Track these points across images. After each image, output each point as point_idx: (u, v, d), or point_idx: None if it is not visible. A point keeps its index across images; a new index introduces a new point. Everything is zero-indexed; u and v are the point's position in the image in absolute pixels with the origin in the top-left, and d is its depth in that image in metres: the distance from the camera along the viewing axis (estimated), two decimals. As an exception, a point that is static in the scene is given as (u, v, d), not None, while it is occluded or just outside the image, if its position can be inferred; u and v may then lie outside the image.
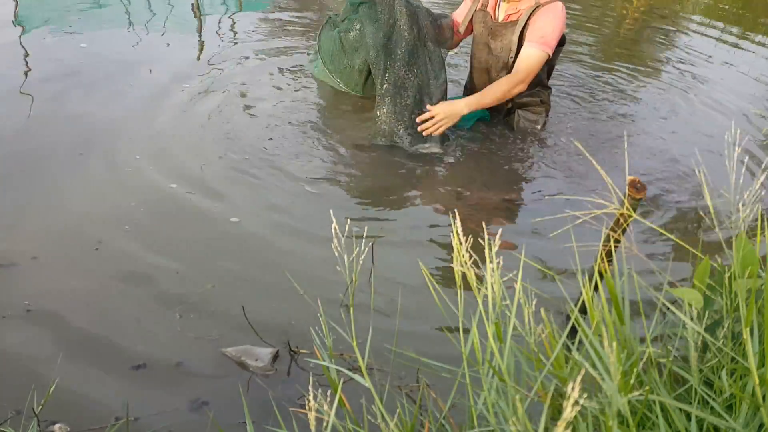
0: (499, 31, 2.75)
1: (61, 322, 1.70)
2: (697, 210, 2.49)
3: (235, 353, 1.63)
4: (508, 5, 2.72)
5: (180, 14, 4.53)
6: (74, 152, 2.52)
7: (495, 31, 2.77)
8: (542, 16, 2.64)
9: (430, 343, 1.67)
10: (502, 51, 2.77)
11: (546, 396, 0.89)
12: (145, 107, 2.98)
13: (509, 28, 2.72)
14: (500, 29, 2.75)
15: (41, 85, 3.09)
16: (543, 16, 2.64)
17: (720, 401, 0.90)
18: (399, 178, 2.57)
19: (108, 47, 3.69)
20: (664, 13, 6.16)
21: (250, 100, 3.13)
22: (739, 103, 3.82)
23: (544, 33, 2.61)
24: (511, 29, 2.71)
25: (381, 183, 2.54)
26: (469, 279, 0.97)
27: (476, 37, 2.87)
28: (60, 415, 1.42)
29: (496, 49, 2.79)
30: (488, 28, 2.79)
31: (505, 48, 2.75)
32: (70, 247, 2.00)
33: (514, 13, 2.71)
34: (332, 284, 1.81)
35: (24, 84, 3.10)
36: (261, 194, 2.37)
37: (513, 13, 2.72)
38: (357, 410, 1.14)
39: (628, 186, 1.58)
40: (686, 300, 1.00)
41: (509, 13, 2.73)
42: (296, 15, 4.72)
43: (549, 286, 1.95)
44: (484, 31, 2.81)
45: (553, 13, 2.63)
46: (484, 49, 2.83)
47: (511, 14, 2.72)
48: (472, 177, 2.62)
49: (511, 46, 2.72)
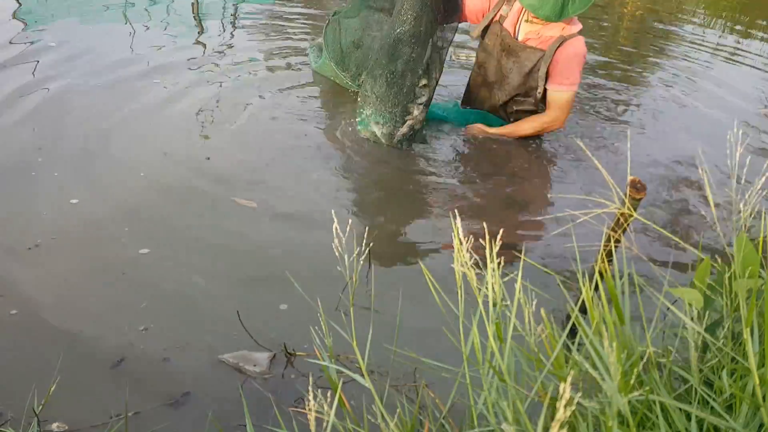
0: (515, 51, 2.67)
1: (58, 323, 1.71)
2: (698, 209, 2.49)
3: (232, 359, 1.63)
4: (531, 28, 2.64)
5: (180, 13, 4.53)
6: (74, 151, 2.53)
7: (512, 49, 2.68)
8: (569, 60, 2.58)
9: (430, 343, 1.67)
10: (512, 71, 2.71)
11: (546, 396, 0.89)
12: (144, 108, 2.98)
13: (527, 51, 2.64)
14: (518, 50, 2.67)
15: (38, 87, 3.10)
16: (570, 60, 2.58)
17: (720, 401, 0.90)
18: (399, 178, 2.57)
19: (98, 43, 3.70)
20: (665, 11, 6.15)
21: (249, 101, 3.13)
22: (741, 103, 3.82)
23: (573, 77, 2.62)
24: (530, 54, 2.64)
25: (381, 183, 2.54)
26: (469, 279, 0.97)
27: (486, 47, 2.78)
28: (58, 414, 1.42)
29: (506, 67, 2.73)
30: (505, 45, 2.70)
31: (518, 70, 2.69)
32: (68, 247, 2.00)
33: (534, 38, 2.64)
34: (331, 285, 1.81)
35: (24, 84, 3.10)
36: (260, 195, 2.38)
37: (534, 37, 2.64)
38: (356, 410, 1.14)
39: (629, 186, 1.58)
40: (686, 300, 1.00)
41: (530, 37, 2.65)
42: (296, 14, 4.72)
43: (549, 286, 1.95)
44: (497, 46, 2.72)
45: (578, 59, 2.60)
46: (494, 64, 2.77)
47: (531, 38, 2.65)
48: (473, 177, 2.62)
49: (525, 70, 2.66)
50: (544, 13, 2.45)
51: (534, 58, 2.63)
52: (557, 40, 2.58)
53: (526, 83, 2.70)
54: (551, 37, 2.60)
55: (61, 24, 4.01)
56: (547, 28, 2.60)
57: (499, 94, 2.80)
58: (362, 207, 2.38)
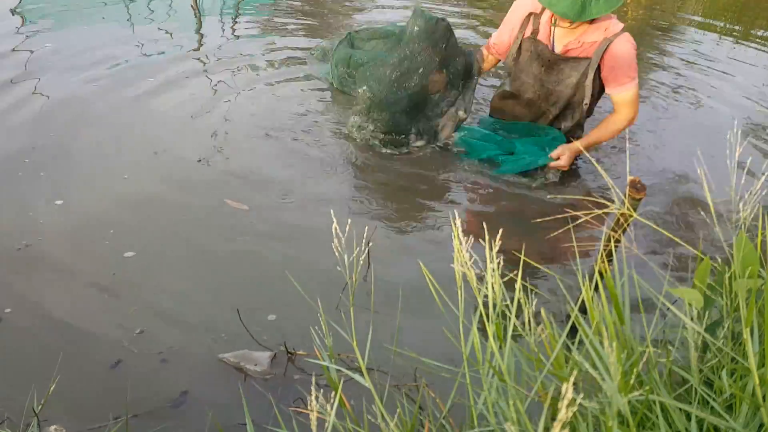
0: (556, 65, 2.51)
1: (50, 325, 1.71)
2: (698, 209, 2.49)
3: (233, 359, 1.63)
4: (569, 37, 2.46)
5: (180, 12, 4.53)
6: (74, 149, 2.53)
7: (553, 63, 2.51)
8: (623, 58, 2.41)
9: (430, 342, 1.67)
10: (559, 85, 2.55)
11: (546, 396, 0.89)
12: (136, 106, 2.98)
13: (570, 63, 2.49)
14: (559, 63, 2.50)
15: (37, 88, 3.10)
16: (624, 58, 2.41)
17: (720, 401, 0.90)
18: (399, 178, 2.57)
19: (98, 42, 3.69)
20: (665, 10, 6.15)
21: (249, 101, 3.13)
22: (740, 102, 3.82)
23: (632, 72, 2.44)
24: (574, 66, 2.48)
25: (380, 183, 2.54)
26: (469, 279, 0.97)
27: (520, 65, 2.60)
28: (57, 414, 1.42)
29: (549, 82, 2.57)
30: (544, 60, 2.53)
31: (565, 83, 2.53)
32: (67, 246, 2.00)
33: (576, 47, 2.46)
34: (330, 285, 1.81)
35: (12, 80, 3.10)
36: (259, 193, 2.38)
37: (575, 47, 2.46)
38: (357, 410, 1.14)
39: (629, 186, 1.58)
40: (686, 300, 1.00)
41: (570, 47, 2.47)
42: (297, 14, 4.72)
43: (549, 286, 1.95)
44: (535, 62, 2.55)
45: (632, 54, 2.43)
46: (534, 81, 2.59)
47: (572, 48, 2.47)
48: (473, 177, 2.62)
49: (571, 82, 2.51)
50: (560, 9, 2.28)
51: (580, 68, 2.47)
52: (602, 44, 2.41)
53: (575, 95, 2.56)
54: (594, 43, 2.43)
55: (59, 19, 4.01)
56: (587, 34, 2.43)
57: (547, 109, 2.64)
58: (362, 207, 2.38)
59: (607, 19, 2.41)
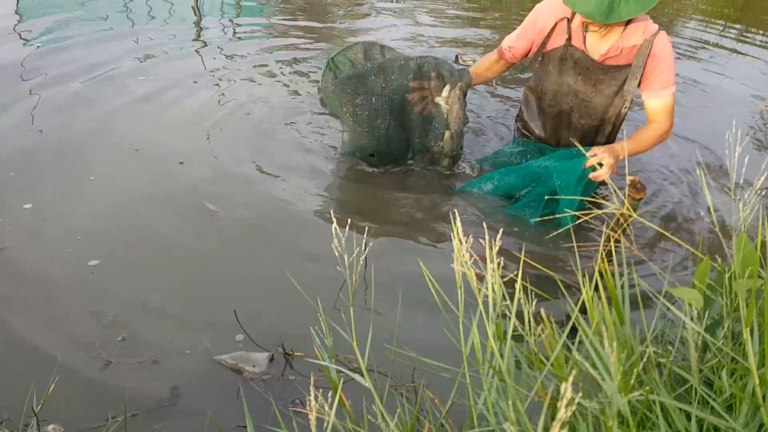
0: (595, 74, 2.33)
1: (55, 326, 1.70)
2: (698, 210, 2.49)
3: (230, 360, 1.63)
4: (606, 44, 2.27)
5: (180, 14, 4.53)
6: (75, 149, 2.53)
7: (591, 71, 2.33)
8: (663, 61, 2.27)
9: (430, 343, 1.67)
10: (597, 95, 2.38)
11: (546, 396, 0.89)
12: (141, 107, 2.98)
13: (610, 73, 2.31)
14: (598, 72, 2.32)
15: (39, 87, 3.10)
16: (663, 62, 2.27)
17: (720, 401, 0.90)
18: (399, 178, 2.57)
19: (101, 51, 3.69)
20: (665, 11, 6.15)
21: (249, 101, 3.13)
22: (740, 102, 3.82)
23: (671, 77, 2.32)
24: (615, 74, 2.32)
25: (380, 183, 2.54)
26: (469, 279, 0.97)
27: (550, 74, 2.42)
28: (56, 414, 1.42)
29: (585, 93, 2.39)
30: (582, 69, 2.34)
31: (604, 94, 2.37)
32: (36, 249, 2.00)
33: (615, 54, 2.28)
34: (328, 285, 1.81)
35: (25, 83, 3.10)
36: (258, 194, 2.38)
37: (615, 54, 2.28)
38: (356, 410, 1.14)
39: (629, 186, 1.58)
40: (686, 300, 1.00)
41: (611, 55, 2.28)
42: (297, 15, 4.72)
43: (550, 285, 1.95)
44: (570, 70, 2.37)
45: (670, 56, 2.29)
46: (567, 91, 2.42)
47: (612, 55, 2.29)
48: (472, 177, 2.62)
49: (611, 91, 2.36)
50: (585, 9, 2.08)
51: (621, 77, 2.32)
52: (644, 46, 2.25)
53: (612, 104, 2.41)
54: (634, 47, 2.26)
55: (58, 19, 4.01)
56: (624, 39, 2.25)
57: (576, 122, 2.49)
58: (361, 207, 2.38)
59: (643, 20, 2.24)
